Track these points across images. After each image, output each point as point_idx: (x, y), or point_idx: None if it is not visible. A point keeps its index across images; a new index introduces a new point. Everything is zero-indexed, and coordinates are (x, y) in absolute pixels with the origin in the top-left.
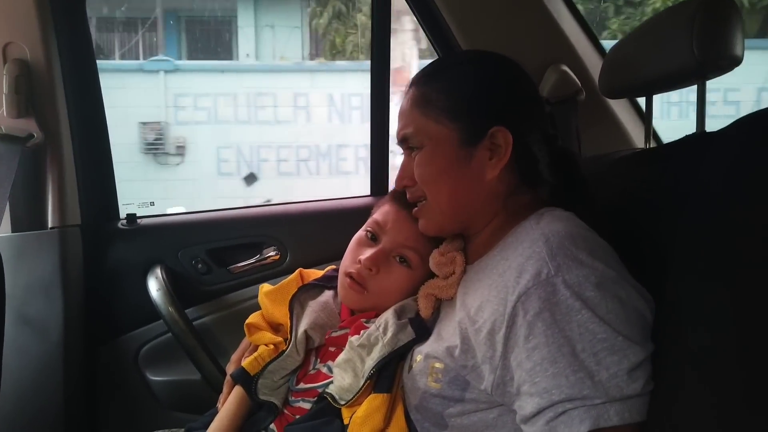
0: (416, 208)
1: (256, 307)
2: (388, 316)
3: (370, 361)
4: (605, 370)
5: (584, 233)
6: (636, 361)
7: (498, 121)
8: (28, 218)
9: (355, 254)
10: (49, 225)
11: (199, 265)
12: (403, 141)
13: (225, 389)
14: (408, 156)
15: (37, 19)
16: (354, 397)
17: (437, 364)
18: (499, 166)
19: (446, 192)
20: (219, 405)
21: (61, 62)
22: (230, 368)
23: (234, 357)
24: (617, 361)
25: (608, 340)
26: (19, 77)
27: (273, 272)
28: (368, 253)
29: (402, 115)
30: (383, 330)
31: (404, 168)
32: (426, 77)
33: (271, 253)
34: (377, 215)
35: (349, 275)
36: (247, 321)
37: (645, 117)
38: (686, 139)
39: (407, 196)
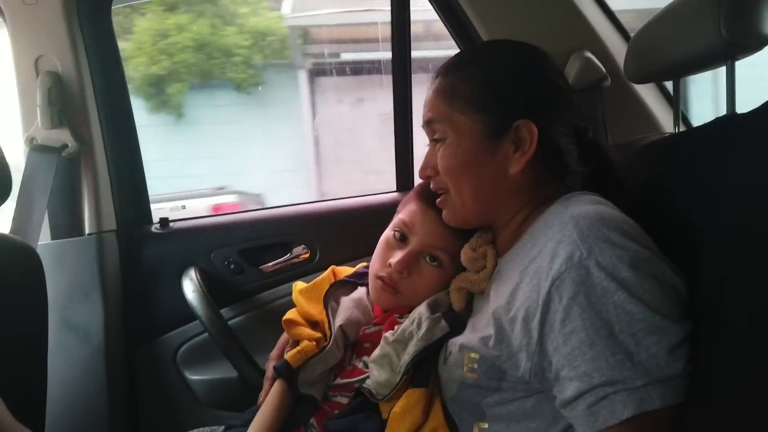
0: (439, 199)
1: (289, 305)
2: (422, 310)
3: (406, 356)
4: (645, 351)
5: (614, 213)
6: (675, 341)
7: (524, 114)
8: (66, 225)
9: (385, 257)
10: (87, 231)
11: (232, 266)
12: (428, 124)
13: (266, 384)
14: (432, 147)
15: (66, 32)
16: (391, 392)
17: (472, 354)
18: (524, 159)
19: (468, 186)
20: (260, 400)
21: (91, 73)
22: (269, 365)
23: (273, 354)
24: (656, 341)
25: (646, 320)
26: (51, 89)
27: (303, 270)
28: (398, 255)
29: (427, 103)
30: (417, 325)
31: (428, 158)
32: (453, 67)
33: (301, 251)
34: (404, 215)
35: (380, 278)
36: (284, 317)
37: (673, 100)
38: (716, 122)
39: (431, 186)
